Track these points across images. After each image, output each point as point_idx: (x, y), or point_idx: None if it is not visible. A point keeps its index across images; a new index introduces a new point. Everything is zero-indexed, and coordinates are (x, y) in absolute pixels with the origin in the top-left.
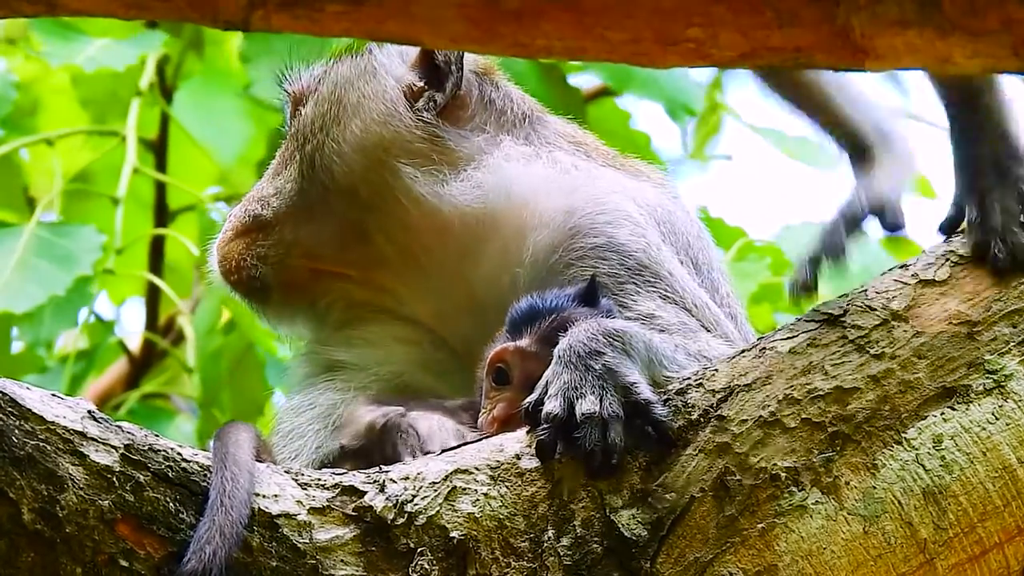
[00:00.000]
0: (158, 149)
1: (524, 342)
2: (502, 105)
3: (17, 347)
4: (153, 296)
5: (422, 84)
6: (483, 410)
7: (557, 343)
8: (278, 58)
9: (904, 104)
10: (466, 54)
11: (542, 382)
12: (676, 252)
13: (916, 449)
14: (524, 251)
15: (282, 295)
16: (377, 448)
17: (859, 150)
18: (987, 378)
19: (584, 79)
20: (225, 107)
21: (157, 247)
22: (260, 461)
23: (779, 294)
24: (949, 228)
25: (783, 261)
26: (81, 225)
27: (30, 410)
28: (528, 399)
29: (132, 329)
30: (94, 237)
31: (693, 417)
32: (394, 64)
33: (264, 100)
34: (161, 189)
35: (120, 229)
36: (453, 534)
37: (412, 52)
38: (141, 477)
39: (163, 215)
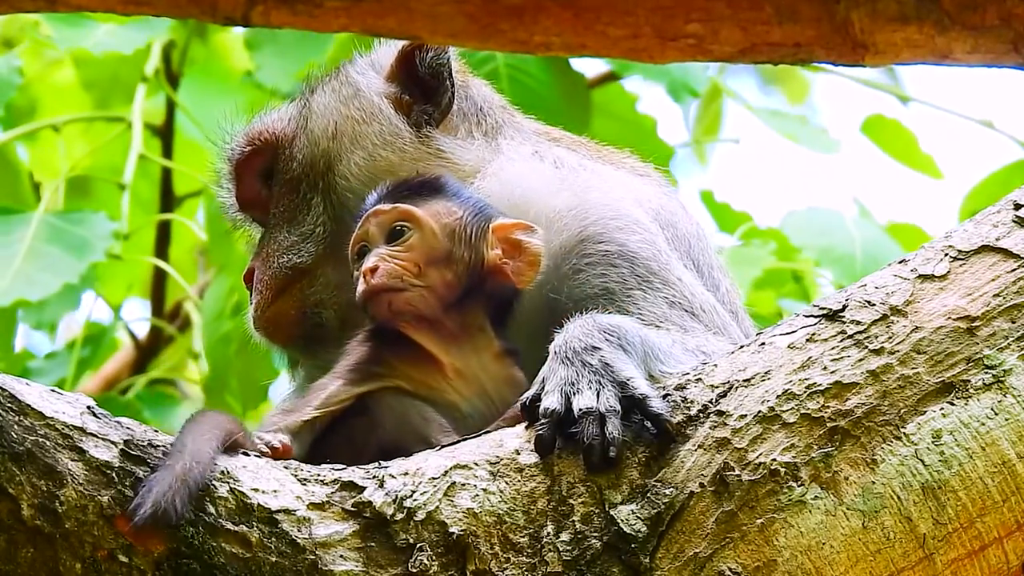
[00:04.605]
0: (164, 135)
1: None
2: (479, 109)
3: (22, 330)
4: (160, 282)
5: (408, 97)
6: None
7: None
8: (284, 45)
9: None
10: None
11: (539, 378)
12: (680, 256)
13: (915, 444)
14: None
15: (339, 335)
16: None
17: None
18: (986, 373)
19: (589, 63)
20: (229, 93)
21: (163, 233)
22: (244, 452)
23: (783, 280)
24: None
25: (788, 247)
26: (92, 212)
27: (29, 405)
28: (526, 395)
29: (139, 315)
30: (105, 224)
31: (692, 412)
32: (372, 80)
33: (268, 87)
34: (167, 175)
35: (127, 215)
36: (452, 529)
37: (384, 63)
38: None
39: (169, 201)
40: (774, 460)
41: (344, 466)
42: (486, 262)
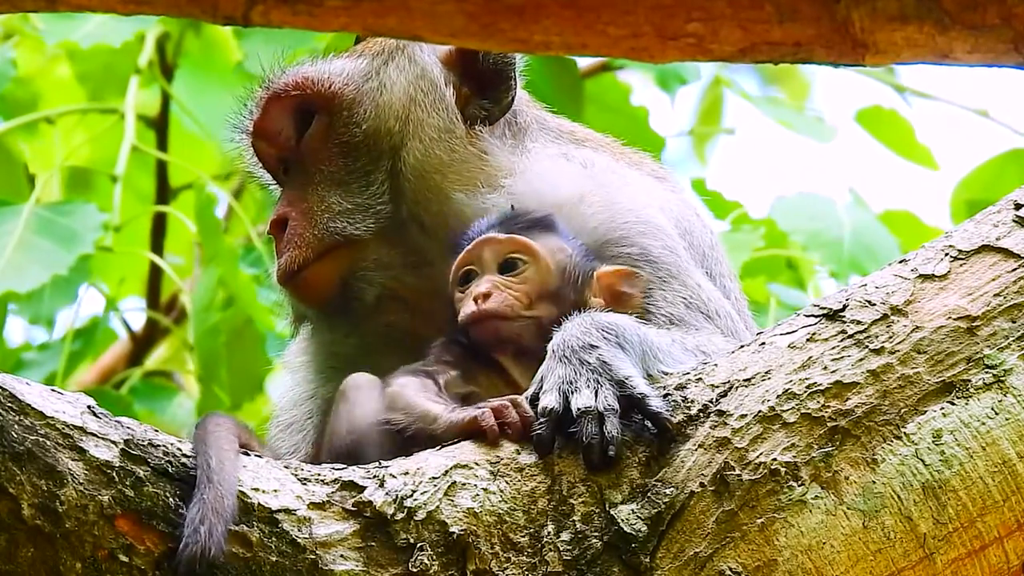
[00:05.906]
0: (159, 127)
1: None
2: (513, 107)
3: (17, 323)
4: (155, 274)
5: (466, 89)
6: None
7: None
8: (273, 33)
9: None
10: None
11: (537, 376)
12: (696, 263)
13: (915, 444)
14: None
15: (367, 316)
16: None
17: None
18: (986, 373)
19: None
20: (224, 85)
21: (159, 225)
22: (248, 452)
23: (773, 266)
24: None
25: (778, 233)
26: (82, 203)
27: (30, 405)
28: (524, 394)
29: (134, 307)
30: (96, 216)
31: (692, 412)
32: (435, 63)
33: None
34: (162, 167)
35: (119, 207)
36: (453, 529)
37: (441, 47)
38: (141, 472)
39: (165, 193)
40: (774, 460)
41: (344, 466)
42: (587, 305)
